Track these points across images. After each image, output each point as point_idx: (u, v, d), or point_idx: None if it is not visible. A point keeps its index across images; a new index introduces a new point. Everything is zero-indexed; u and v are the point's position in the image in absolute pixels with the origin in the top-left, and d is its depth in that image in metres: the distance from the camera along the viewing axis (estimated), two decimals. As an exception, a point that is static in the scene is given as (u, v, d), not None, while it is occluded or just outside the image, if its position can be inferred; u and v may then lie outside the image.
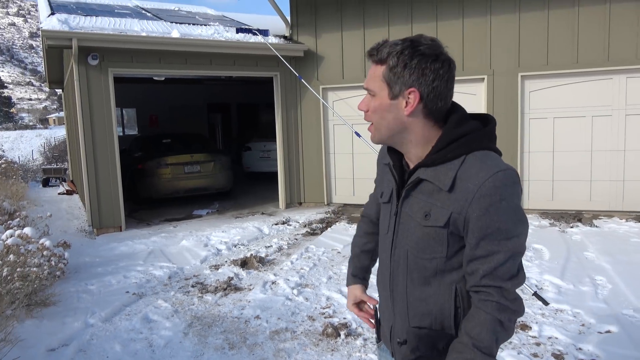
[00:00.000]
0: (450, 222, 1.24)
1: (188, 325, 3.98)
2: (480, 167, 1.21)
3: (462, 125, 1.26)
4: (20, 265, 4.05)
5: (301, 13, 8.77)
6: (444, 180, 1.24)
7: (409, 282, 1.35)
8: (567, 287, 4.45)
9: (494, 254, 1.20)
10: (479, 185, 1.19)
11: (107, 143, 7.29)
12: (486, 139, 1.28)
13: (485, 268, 1.21)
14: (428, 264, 1.30)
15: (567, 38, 7.14)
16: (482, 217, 1.19)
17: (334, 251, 5.90)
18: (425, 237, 1.28)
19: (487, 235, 1.20)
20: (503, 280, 1.20)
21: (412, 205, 1.31)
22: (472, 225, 1.21)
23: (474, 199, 1.19)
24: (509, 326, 1.23)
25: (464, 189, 1.21)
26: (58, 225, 7.85)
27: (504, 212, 1.19)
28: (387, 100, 1.27)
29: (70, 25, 6.95)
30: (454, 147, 1.24)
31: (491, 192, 1.18)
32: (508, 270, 1.21)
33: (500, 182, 1.18)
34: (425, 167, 1.27)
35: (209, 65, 8.10)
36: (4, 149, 22.85)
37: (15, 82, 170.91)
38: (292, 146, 8.95)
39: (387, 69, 1.25)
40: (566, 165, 7.37)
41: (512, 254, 1.21)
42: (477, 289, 1.23)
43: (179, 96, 15.64)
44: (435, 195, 1.26)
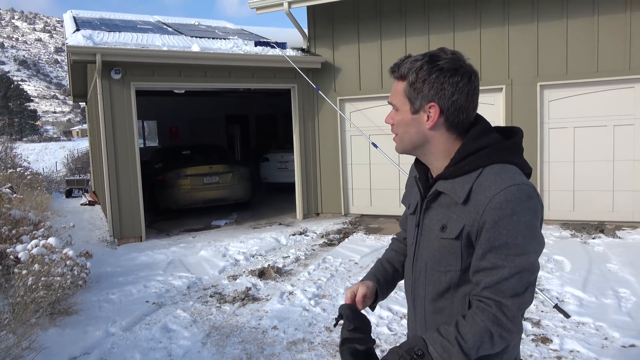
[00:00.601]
0: (462, 234, 1.24)
1: (206, 335, 4.02)
2: (494, 179, 1.20)
3: (482, 137, 1.27)
4: (45, 275, 4.15)
5: (319, 25, 8.87)
6: (460, 192, 1.25)
7: (427, 294, 1.37)
8: (589, 300, 4.36)
9: (498, 268, 1.18)
10: (491, 197, 1.18)
11: (129, 155, 7.45)
12: (507, 152, 1.27)
13: (488, 280, 1.20)
14: (443, 276, 1.31)
15: (586, 47, 7.07)
16: (490, 229, 1.18)
17: (351, 262, 5.90)
18: (441, 249, 1.30)
19: (494, 247, 1.18)
20: (505, 296, 1.18)
21: (432, 217, 1.34)
22: (481, 237, 1.21)
23: (485, 211, 1.19)
24: (497, 342, 1.20)
25: (476, 202, 1.21)
26: (81, 235, 8.01)
27: (513, 227, 1.17)
28: (409, 114, 1.31)
29: (94, 41, 7.16)
30: (471, 159, 1.25)
31: (502, 206, 1.17)
32: (512, 287, 1.18)
33: (512, 196, 1.17)
34: (444, 180, 1.29)
35: (228, 77, 8.24)
36: (30, 161, 23.46)
37: (41, 95, 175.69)
38: (310, 157, 9.00)
39: (408, 84, 1.29)
40: (587, 175, 7.25)
41: (519, 271, 1.17)
42: (478, 298, 1.23)
43: (198, 108, 15.89)
44: (452, 207, 1.27)
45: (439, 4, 7.92)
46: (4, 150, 18.63)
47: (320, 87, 8.53)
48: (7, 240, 5.19)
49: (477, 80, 1.28)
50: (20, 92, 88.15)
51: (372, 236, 7.16)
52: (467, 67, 1.26)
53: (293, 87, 8.80)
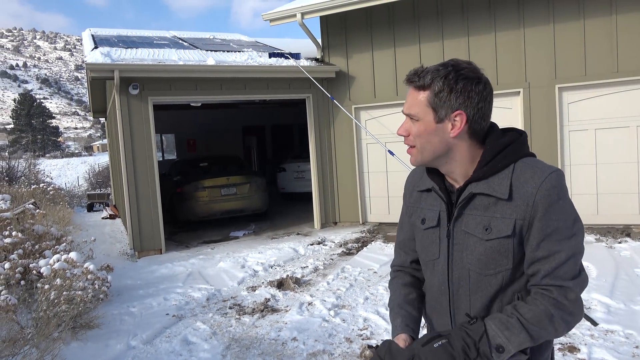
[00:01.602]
0: (516, 230, 1.25)
1: (226, 347, 4.00)
2: (534, 170, 1.25)
3: (504, 137, 1.32)
4: (67, 289, 4.20)
5: (332, 35, 8.91)
6: (500, 189, 1.26)
7: (472, 303, 1.32)
8: (617, 307, 4.23)
9: (555, 254, 1.22)
10: (538, 187, 1.23)
11: (148, 168, 7.54)
12: (526, 146, 1.34)
13: (546, 268, 1.22)
14: (493, 279, 1.29)
15: (605, 47, 6.94)
16: (542, 217, 1.22)
17: (370, 271, 5.84)
18: (489, 252, 1.28)
19: (547, 235, 1.22)
20: (564, 280, 1.21)
21: (468, 222, 1.31)
22: (534, 228, 1.23)
23: (535, 201, 1.23)
24: (560, 326, 1.22)
25: (523, 194, 1.24)
26: (102, 249, 8.12)
27: (562, 211, 1.23)
28: (432, 124, 1.30)
29: (112, 58, 7.30)
30: (501, 157, 1.29)
31: (550, 192, 1.22)
32: (570, 270, 1.22)
33: (556, 182, 1.24)
34: (477, 182, 1.29)
35: (244, 89, 8.31)
36: (52, 177, 23.96)
37: (62, 112, 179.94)
38: (326, 166, 9.00)
39: (432, 93, 1.29)
40: (611, 177, 7.08)
41: (573, 253, 1.22)
42: (538, 288, 1.24)
43: (215, 120, 16.06)
44: (492, 207, 1.27)
45: (452, 9, 7.88)
46: (28, 167, 19.07)
47: (335, 96, 8.53)
48: (31, 255, 5.28)
49: (492, 88, 1.34)
50: (43, 109, 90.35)
51: (390, 244, 7.09)
52: (485, 76, 1.32)
53: (308, 97, 8.82)
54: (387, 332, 4.08)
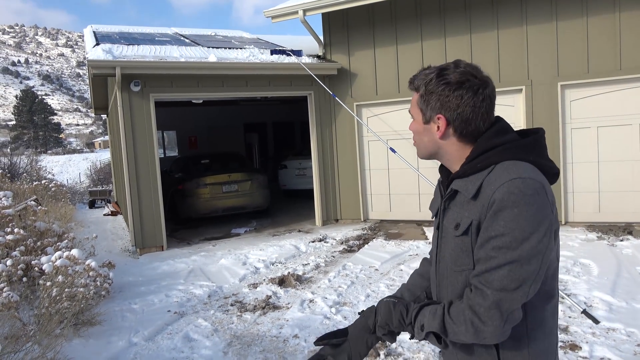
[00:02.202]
0: (471, 229, 1.25)
1: (228, 345, 4.01)
2: (501, 174, 1.22)
3: (496, 137, 1.30)
4: (68, 286, 4.21)
5: (334, 32, 8.88)
6: (471, 189, 1.27)
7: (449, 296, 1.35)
8: (619, 305, 4.23)
9: (490, 259, 1.19)
10: (495, 189, 1.20)
11: (149, 165, 7.54)
12: (521, 149, 1.28)
13: (479, 268, 1.21)
14: (459, 276, 1.31)
15: (608, 44, 6.92)
16: (489, 219, 1.19)
17: (371, 268, 5.84)
18: (456, 248, 1.30)
19: (490, 238, 1.19)
20: (489, 287, 1.17)
21: (449, 216, 1.35)
22: (482, 228, 1.22)
23: (488, 204, 1.20)
24: (469, 329, 1.21)
25: (484, 196, 1.23)
26: (103, 245, 8.14)
27: (512, 219, 1.16)
28: (421, 124, 1.38)
29: (114, 55, 7.29)
30: (483, 157, 1.28)
31: (504, 197, 1.18)
32: (499, 279, 1.16)
33: (515, 189, 1.17)
34: (459, 179, 1.31)
35: (245, 86, 8.30)
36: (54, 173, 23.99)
37: (64, 109, 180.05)
38: (328, 163, 8.99)
39: (419, 96, 1.36)
40: (613, 175, 7.06)
41: (511, 264, 1.15)
42: (469, 285, 1.26)
43: (216, 117, 16.05)
44: (465, 205, 1.29)
45: (454, 6, 7.85)
46: (30, 163, 19.10)
47: (337, 93, 8.52)
48: (33, 252, 5.29)
49: (486, 92, 1.29)
50: (45, 106, 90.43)
51: (392, 242, 7.10)
52: (476, 80, 1.28)
53: (310, 94, 8.81)
54: (389, 329, 4.07)
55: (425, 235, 7.37)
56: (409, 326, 1.36)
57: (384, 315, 1.42)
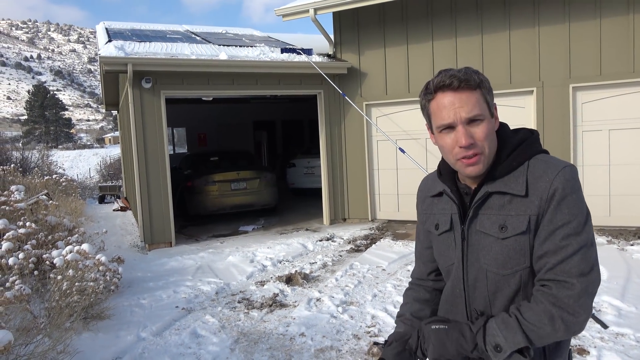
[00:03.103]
0: (530, 226, 1.24)
1: (235, 341, 4.04)
2: (547, 165, 1.26)
3: (516, 135, 1.34)
4: (79, 280, 4.26)
5: (344, 31, 8.88)
6: (517, 187, 1.26)
7: (495, 303, 1.30)
8: (628, 310, 4.19)
9: (562, 248, 1.19)
10: (551, 180, 1.23)
11: (159, 161, 7.59)
12: (538, 144, 1.34)
13: (552, 262, 1.20)
14: (511, 279, 1.27)
15: (621, 47, 6.85)
16: (553, 210, 1.21)
17: (378, 268, 5.85)
18: (505, 250, 1.26)
19: (556, 228, 1.20)
20: (569, 275, 1.17)
21: (483, 222, 1.30)
22: (544, 220, 1.22)
23: (548, 196, 1.22)
24: (560, 327, 1.17)
25: (537, 189, 1.24)
26: (113, 240, 8.21)
27: (574, 205, 1.21)
28: (491, 121, 1.32)
29: (125, 51, 7.34)
30: (515, 155, 1.30)
31: (564, 186, 1.22)
32: (576, 266, 1.17)
33: (569, 176, 1.23)
34: (492, 181, 1.29)
35: (255, 84, 8.33)
36: (65, 168, 24.21)
37: (75, 104, 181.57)
38: (336, 162, 9.00)
39: (486, 90, 1.31)
40: (624, 179, 7.00)
41: (581, 248, 1.18)
42: (541, 283, 1.22)
43: (226, 115, 16.12)
44: (507, 205, 1.27)
45: (466, 7, 7.81)
46: (41, 158, 19.30)
47: (347, 92, 8.52)
48: (44, 246, 5.36)
49: None
50: (56, 101, 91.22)
51: (399, 242, 7.09)
52: None
53: (319, 93, 8.82)
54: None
55: (433, 236, 7.34)
56: (474, 351, 1.24)
57: (437, 348, 1.28)
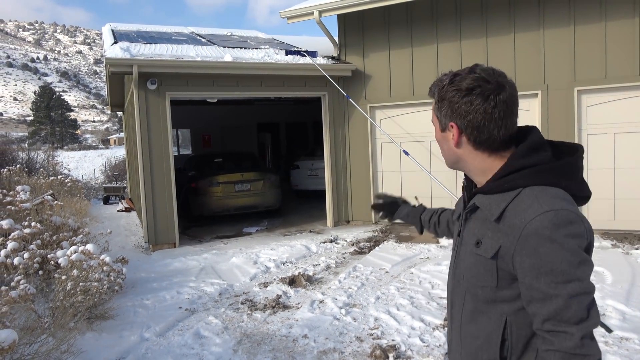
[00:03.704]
0: (498, 255, 1.21)
1: (237, 343, 4.04)
2: (531, 203, 1.16)
3: (529, 155, 1.22)
4: (83, 280, 4.28)
5: (349, 33, 8.89)
6: (494, 210, 1.22)
7: (465, 303, 1.34)
8: (633, 314, 4.17)
9: (552, 298, 1.12)
10: (526, 223, 1.14)
11: (163, 163, 7.62)
12: (553, 173, 1.20)
13: (545, 312, 1.13)
14: (480, 291, 1.28)
15: (626, 50, 6.83)
16: (532, 256, 1.13)
17: (381, 270, 5.84)
18: (477, 265, 1.27)
19: (540, 274, 1.13)
20: (569, 325, 1.11)
21: (469, 229, 1.32)
22: (521, 263, 1.16)
23: (521, 237, 1.15)
24: None
25: (511, 224, 1.18)
26: (117, 241, 8.24)
27: (556, 254, 1.11)
28: (439, 132, 1.34)
29: (131, 53, 7.38)
30: (512, 178, 1.21)
31: (538, 232, 1.12)
32: (574, 314, 1.11)
33: (549, 222, 1.12)
34: (483, 194, 1.27)
35: (260, 86, 8.35)
36: (70, 169, 24.32)
37: (81, 105, 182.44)
38: (340, 164, 9.00)
39: (434, 103, 1.32)
40: (629, 183, 6.97)
41: (574, 296, 1.11)
42: (540, 334, 1.17)
43: (230, 116, 16.15)
44: (487, 224, 1.25)
45: (471, 9, 7.81)
46: (46, 158, 19.40)
47: (351, 94, 8.53)
48: (49, 246, 5.39)
49: (500, 98, 1.21)
50: (62, 102, 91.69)
51: (403, 244, 7.08)
52: (489, 85, 1.21)
53: (323, 95, 8.83)
54: (398, 332, 4.08)
55: (436, 239, 7.33)
56: None
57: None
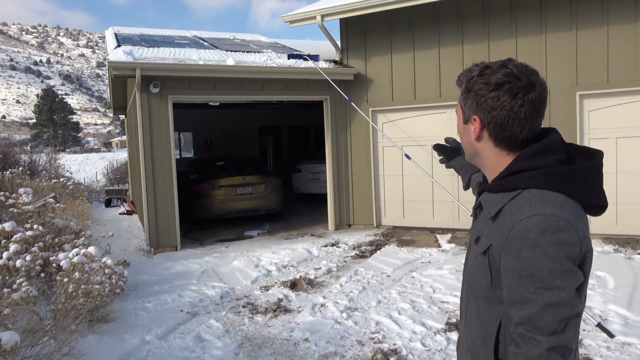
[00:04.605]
0: (489, 252, 1.22)
1: (239, 346, 4.04)
2: (523, 205, 1.15)
3: (534, 158, 1.20)
4: (84, 283, 4.28)
5: (351, 37, 8.92)
6: (492, 208, 1.24)
7: (470, 302, 1.35)
8: (635, 319, 4.16)
9: (528, 302, 1.11)
10: (513, 224, 1.15)
11: (165, 166, 7.64)
12: (556, 179, 1.18)
13: (520, 315, 1.12)
14: (479, 288, 1.29)
15: (629, 54, 6.83)
16: (515, 258, 1.13)
17: (383, 274, 5.83)
18: (476, 261, 1.29)
19: (521, 277, 1.12)
20: (540, 334, 1.09)
21: (474, 227, 1.33)
22: (505, 264, 1.16)
23: (507, 238, 1.15)
24: None
25: (502, 224, 1.19)
26: (119, 244, 8.25)
27: (538, 259, 1.09)
28: (462, 124, 1.33)
29: (134, 56, 7.41)
30: (514, 179, 1.21)
31: (523, 235, 1.12)
32: (547, 324, 1.08)
33: (535, 227, 1.11)
34: (487, 192, 1.28)
35: (262, 90, 8.37)
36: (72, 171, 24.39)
37: (83, 108, 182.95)
38: (342, 168, 9.01)
39: (461, 94, 1.31)
40: (631, 187, 6.96)
41: (551, 306, 1.08)
42: (513, 336, 1.16)
43: (232, 120, 16.19)
44: (486, 222, 1.26)
45: (473, 14, 7.83)
46: (49, 161, 19.45)
47: (353, 98, 8.54)
48: (51, 248, 5.40)
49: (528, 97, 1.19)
50: (64, 105, 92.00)
51: (404, 248, 7.07)
52: (519, 83, 1.19)
53: (325, 99, 8.85)
54: (400, 336, 4.07)
55: (438, 243, 7.33)
56: None
57: None
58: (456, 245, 6.98)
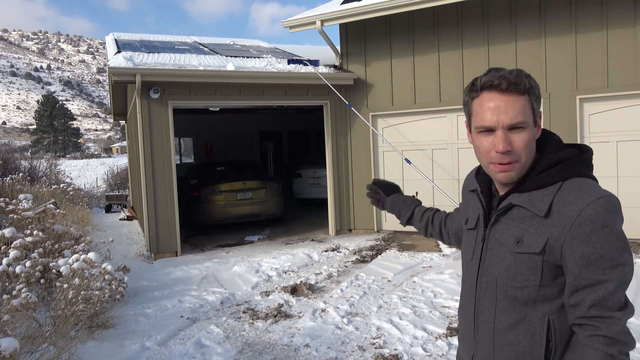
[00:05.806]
0: (546, 248, 1.21)
1: (239, 352, 4.02)
2: (580, 193, 1.20)
3: (560, 151, 1.27)
4: (84, 289, 4.27)
5: (351, 42, 8.94)
6: (539, 206, 1.23)
7: (498, 311, 1.30)
8: (637, 323, 4.13)
9: (601, 283, 1.15)
10: (580, 211, 1.17)
11: (166, 171, 7.63)
12: (584, 166, 1.27)
13: (593, 297, 1.16)
14: (519, 292, 1.26)
15: (628, 58, 6.84)
16: (583, 244, 1.16)
17: (384, 279, 5.82)
18: (517, 264, 1.25)
19: (590, 262, 1.16)
20: (614, 311, 1.15)
21: (502, 231, 1.30)
22: (572, 252, 1.17)
23: (574, 226, 1.17)
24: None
25: (562, 215, 1.19)
26: (119, 249, 8.23)
27: (607, 239, 1.15)
28: (533, 129, 1.27)
29: (134, 62, 7.43)
30: (551, 172, 1.24)
31: (592, 218, 1.16)
32: (618, 301, 1.15)
33: (602, 208, 1.16)
34: (519, 193, 1.27)
35: (262, 95, 8.38)
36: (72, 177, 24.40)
37: (84, 114, 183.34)
38: (342, 173, 9.00)
39: (534, 97, 1.26)
40: (632, 191, 6.94)
41: (620, 283, 1.15)
42: (583, 321, 1.17)
43: (232, 125, 16.20)
44: (528, 221, 1.25)
45: (472, 18, 7.85)
46: (49, 167, 19.45)
47: (353, 103, 8.55)
48: (50, 254, 5.39)
49: None
50: (65, 111, 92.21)
51: (405, 253, 7.06)
52: None
53: (325, 104, 8.86)
54: (401, 341, 4.05)
55: (439, 247, 7.31)
56: None
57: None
58: (457, 250, 6.97)
